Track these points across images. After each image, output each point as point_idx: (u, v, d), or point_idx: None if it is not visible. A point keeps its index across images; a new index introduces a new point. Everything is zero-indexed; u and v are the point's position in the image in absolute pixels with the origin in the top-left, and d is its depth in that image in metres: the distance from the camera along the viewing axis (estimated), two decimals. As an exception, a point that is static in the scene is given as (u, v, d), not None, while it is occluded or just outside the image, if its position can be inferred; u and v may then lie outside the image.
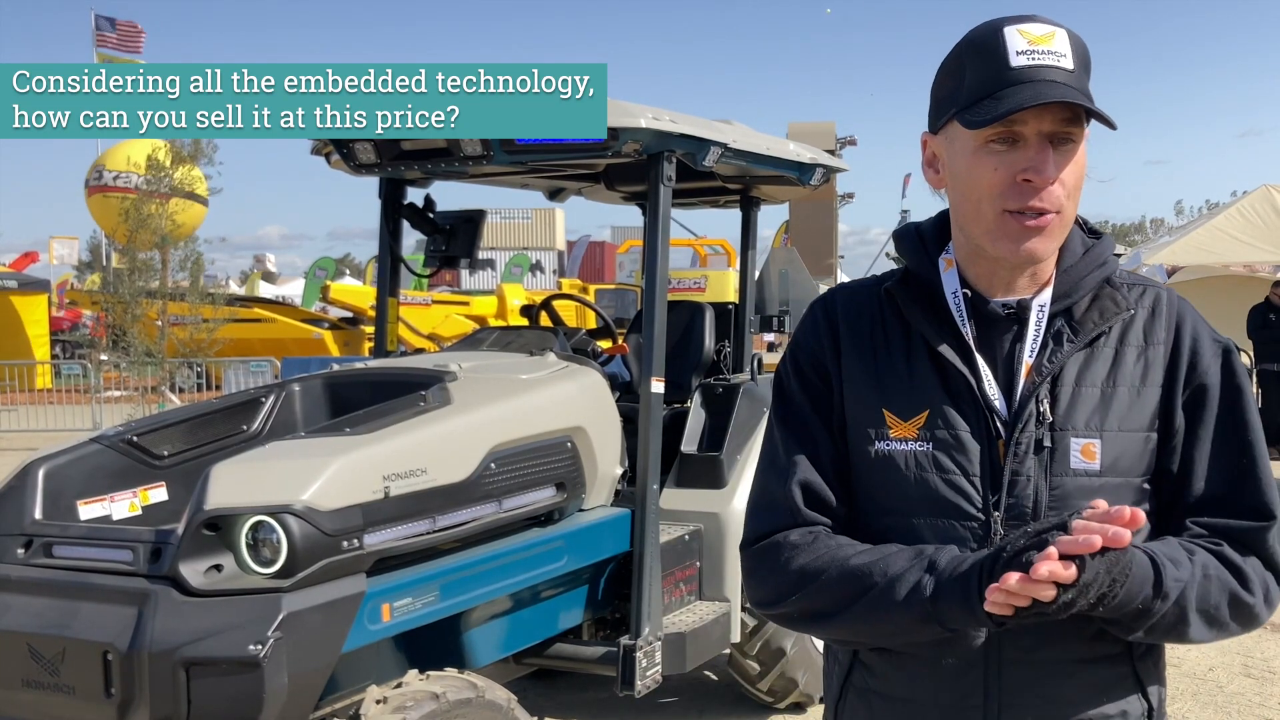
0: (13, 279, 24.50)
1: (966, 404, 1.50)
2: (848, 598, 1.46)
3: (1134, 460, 1.50)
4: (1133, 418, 1.50)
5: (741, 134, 4.61)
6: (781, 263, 6.30)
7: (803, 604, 1.51)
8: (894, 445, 1.51)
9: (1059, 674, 1.48)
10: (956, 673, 1.49)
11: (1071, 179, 1.45)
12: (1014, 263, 1.50)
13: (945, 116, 1.50)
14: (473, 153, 4.18)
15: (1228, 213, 15.81)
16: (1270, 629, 6.42)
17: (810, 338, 1.62)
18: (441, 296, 23.37)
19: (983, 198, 1.46)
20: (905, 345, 1.56)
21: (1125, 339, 1.53)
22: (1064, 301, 1.53)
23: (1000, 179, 1.44)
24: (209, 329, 18.47)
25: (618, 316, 13.92)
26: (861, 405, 1.55)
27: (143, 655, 2.86)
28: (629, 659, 4.06)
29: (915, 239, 1.62)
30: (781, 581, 1.53)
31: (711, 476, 4.76)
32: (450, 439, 3.52)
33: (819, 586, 1.48)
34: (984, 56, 1.45)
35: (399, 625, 3.33)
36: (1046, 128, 1.42)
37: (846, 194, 23.33)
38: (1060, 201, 1.45)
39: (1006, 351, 1.53)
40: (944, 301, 1.55)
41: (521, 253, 38.44)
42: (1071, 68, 1.43)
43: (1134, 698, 1.52)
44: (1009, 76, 1.42)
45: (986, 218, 1.47)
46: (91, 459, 3.60)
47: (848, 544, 1.51)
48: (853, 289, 1.66)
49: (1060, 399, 1.49)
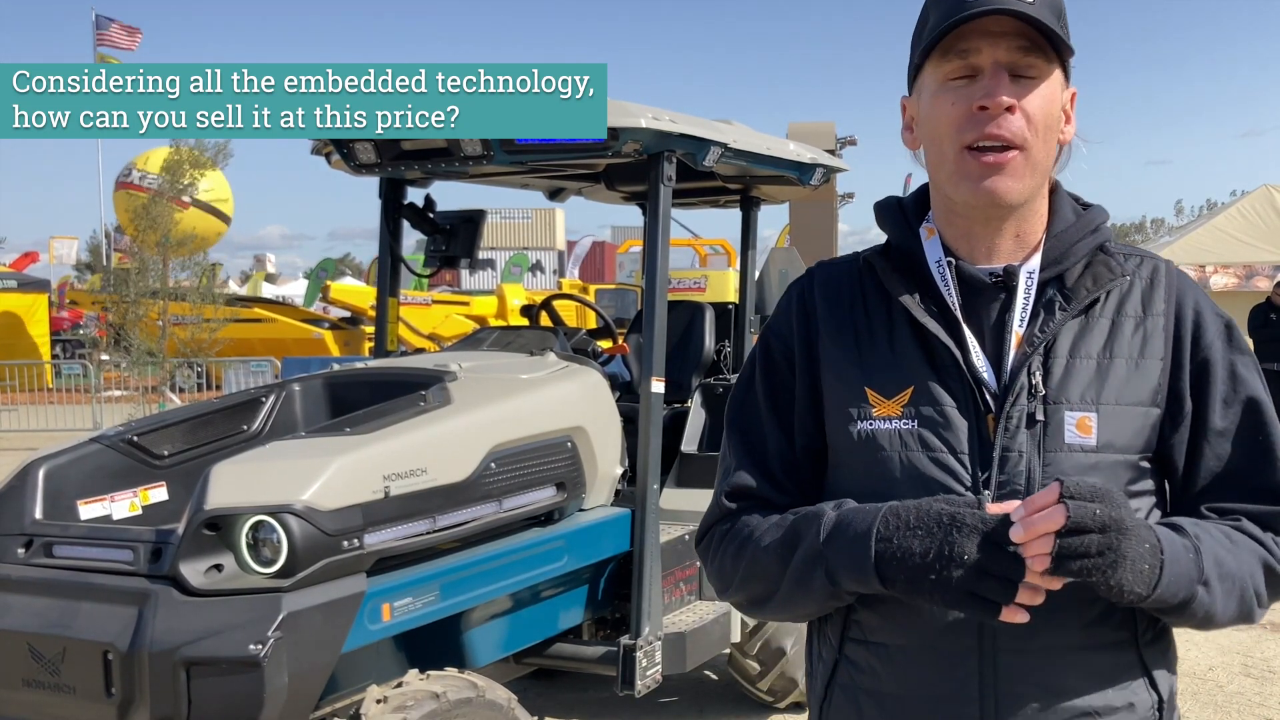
0: (13, 279, 24.51)
1: (953, 378, 1.43)
2: (771, 577, 1.46)
3: (1131, 436, 1.42)
4: (1131, 391, 1.42)
5: (741, 134, 4.61)
6: (781, 263, 6.30)
7: (742, 594, 1.53)
8: (877, 424, 1.44)
9: (1058, 662, 1.40)
10: (950, 664, 1.41)
11: (1037, 113, 1.39)
12: (978, 207, 1.43)
13: (912, 67, 1.48)
14: (473, 153, 4.18)
15: (1228, 213, 15.84)
16: (1270, 629, 6.41)
17: (783, 323, 1.57)
18: (442, 296, 23.37)
19: (944, 136, 1.42)
20: (887, 320, 1.49)
21: (1122, 309, 1.46)
22: (1055, 268, 1.46)
23: (958, 112, 1.40)
24: (210, 329, 18.48)
25: (618, 316, 13.90)
26: (843, 386, 1.48)
27: (143, 655, 2.86)
28: (629, 659, 4.06)
29: (896, 209, 1.57)
30: (719, 576, 1.56)
31: (711, 476, 4.71)
32: (450, 439, 3.52)
33: (746, 575, 1.49)
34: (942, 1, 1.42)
35: (399, 625, 3.33)
36: (1002, 56, 1.38)
37: (847, 194, 23.28)
38: (1021, 133, 1.38)
39: (994, 321, 1.45)
40: (927, 271, 1.48)
41: (521, 253, 38.43)
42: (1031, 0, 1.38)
43: (1141, 686, 1.45)
44: (964, 5, 1.38)
45: (948, 158, 1.42)
46: (92, 459, 3.60)
47: (759, 524, 1.50)
48: (831, 266, 1.59)
49: (1053, 371, 1.42)
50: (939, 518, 1.31)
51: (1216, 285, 16.43)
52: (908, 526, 1.32)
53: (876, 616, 1.46)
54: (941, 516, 1.31)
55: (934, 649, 1.42)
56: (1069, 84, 1.47)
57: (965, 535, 1.28)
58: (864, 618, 1.48)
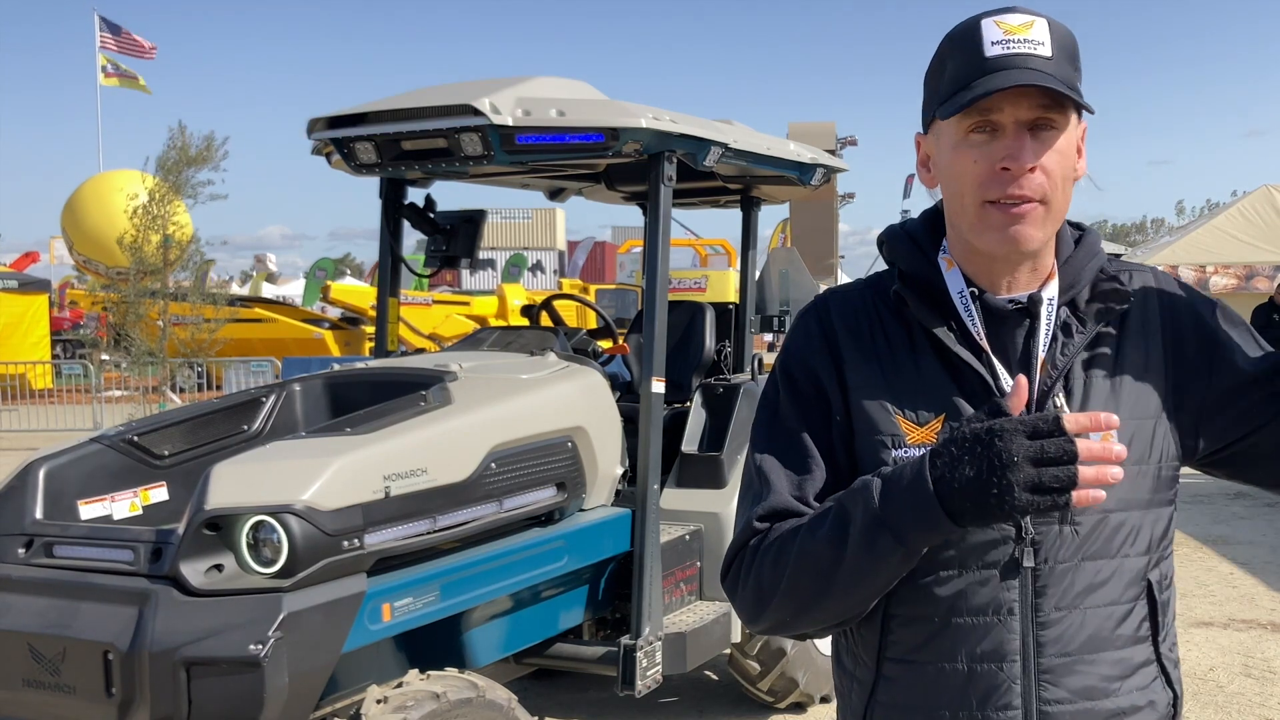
0: (13, 279, 24.50)
1: (984, 405, 1.42)
2: (825, 565, 1.41)
3: (1144, 446, 1.49)
4: (1141, 404, 1.50)
5: (742, 134, 4.61)
6: (782, 263, 6.28)
7: (788, 601, 1.46)
8: (912, 452, 1.45)
9: (1095, 667, 1.45)
10: (991, 676, 1.44)
11: (1056, 168, 1.42)
12: (1000, 254, 1.47)
13: (930, 114, 1.50)
14: (473, 152, 4.18)
15: (1228, 213, 15.84)
16: (1270, 629, 6.42)
17: (803, 347, 1.57)
18: (442, 296, 23.37)
19: (965, 190, 1.44)
20: (910, 347, 1.52)
21: (1126, 325, 1.53)
22: (1069, 293, 1.52)
23: (981, 170, 1.42)
24: (210, 329, 18.49)
25: (618, 316, 13.91)
26: (873, 413, 1.50)
27: (143, 655, 2.86)
28: (629, 659, 4.06)
29: (908, 240, 1.58)
30: (756, 590, 1.49)
31: (712, 476, 4.76)
32: (451, 439, 3.52)
33: (795, 574, 1.44)
34: (962, 50, 1.44)
35: (399, 625, 3.33)
36: (1024, 115, 1.41)
37: (847, 194, 23.32)
38: (1043, 189, 1.42)
39: (1020, 348, 1.50)
40: (949, 300, 1.52)
41: (520, 253, 38.43)
42: (1049, 55, 1.41)
43: (1159, 685, 1.50)
44: (984, 66, 1.40)
45: (970, 210, 1.45)
46: (92, 459, 3.60)
47: (798, 523, 1.46)
48: (845, 293, 1.61)
49: (1074, 392, 1.48)
50: (978, 436, 1.31)
51: (1216, 285, 16.41)
52: (953, 458, 1.31)
53: (914, 635, 1.48)
54: (979, 434, 1.31)
55: (975, 664, 1.45)
56: (1081, 120, 1.49)
57: (1009, 439, 1.28)
58: (902, 636, 1.49)
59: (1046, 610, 1.44)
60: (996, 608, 1.44)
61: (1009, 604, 1.44)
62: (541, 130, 4.08)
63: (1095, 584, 1.45)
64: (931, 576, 1.45)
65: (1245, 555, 8.18)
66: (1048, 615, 1.44)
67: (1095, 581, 1.45)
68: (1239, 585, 7.41)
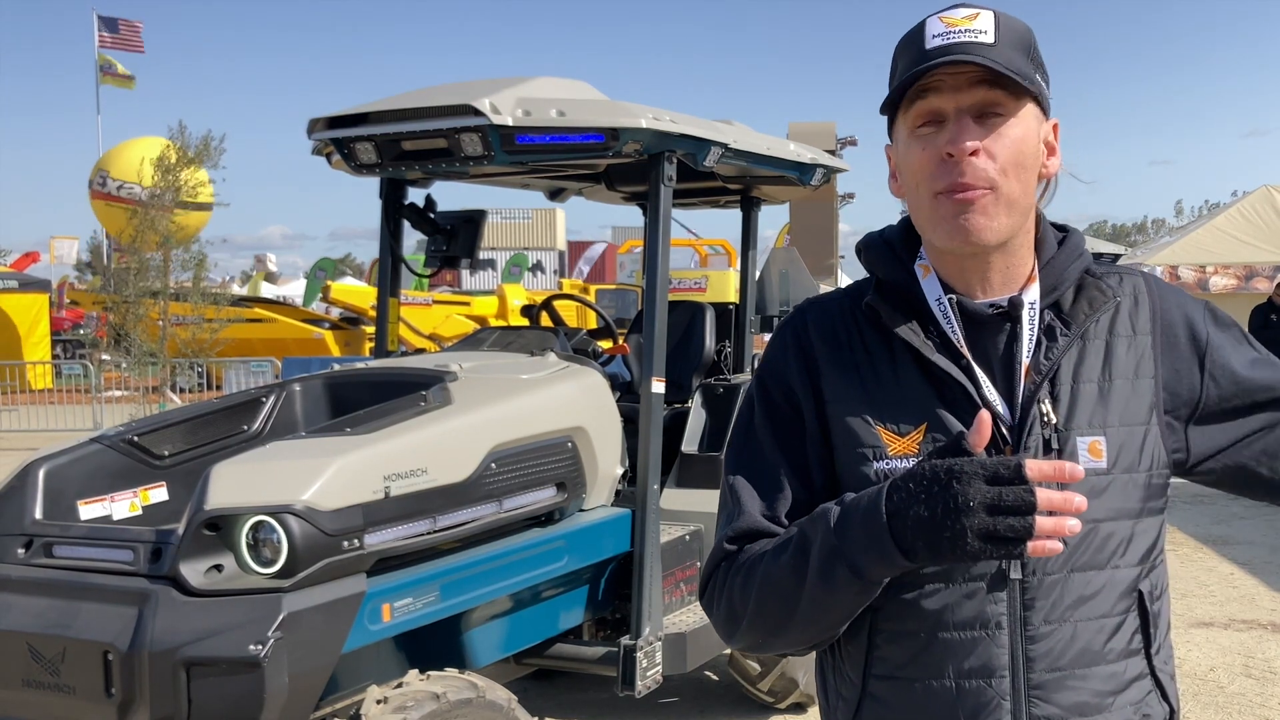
0: (13, 279, 24.52)
1: (966, 413, 1.41)
2: (789, 591, 1.39)
3: (1134, 454, 1.44)
4: (1131, 411, 1.45)
5: (742, 134, 4.61)
6: (782, 263, 6.28)
7: (758, 623, 1.45)
8: (894, 464, 1.42)
9: (1086, 683, 1.41)
10: (980, 694, 1.41)
11: (1004, 153, 1.39)
12: (956, 248, 1.43)
13: (884, 115, 1.49)
14: (473, 152, 4.18)
15: (1228, 213, 15.84)
16: (1270, 629, 6.42)
17: (778, 362, 1.54)
18: (442, 297, 23.38)
19: (918, 184, 1.42)
20: (889, 357, 1.48)
21: (1114, 329, 1.49)
22: (1052, 295, 1.48)
23: (927, 159, 1.40)
24: (211, 329, 18.49)
25: (618, 316, 13.92)
26: (853, 425, 1.47)
27: (143, 655, 2.86)
28: (629, 659, 4.06)
29: (885, 248, 1.56)
30: (729, 610, 1.48)
31: (712, 476, 4.76)
32: (451, 439, 3.52)
33: (760, 598, 1.43)
34: (908, 49, 1.43)
35: (399, 625, 3.33)
36: (965, 101, 1.39)
37: (847, 194, 23.32)
38: (989, 176, 1.38)
39: (1001, 353, 1.46)
40: (927, 309, 1.48)
41: (521, 253, 38.44)
42: (991, 41, 1.38)
43: (1155, 699, 1.47)
44: (924, 58, 1.39)
45: (924, 206, 1.43)
46: (92, 459, 3.60)
47: (765, 546, 1.45)
48: (822, 304, 1.57)
49: (1060, 397, 1.44)
50: (936, 475, 1.28)
51: (1216, 286, 16.42)
52: (910, 494, 1.29)
53: (900, 651, 1.45)
54: (939, 473, 1.28)
55: (963, 680, 1.41)
56: (1048, 116, 1.47)
57: (966, 483, 1.25)
58: (888, 652, 1.46)
59: (1035, 624, 1.40)
60: (984, 622, 1.40)
61: (996, 618, 1.40)
62: (541, 130, 4.08)
63: (1085, 596, 1.41)
64: (917, 590, 1.42)
65: (1245, 555, 8.18)
66: (1037, 629, 1.40)
67: (1085, 593, 1.41)
68: (1239, 585, 7.41)
